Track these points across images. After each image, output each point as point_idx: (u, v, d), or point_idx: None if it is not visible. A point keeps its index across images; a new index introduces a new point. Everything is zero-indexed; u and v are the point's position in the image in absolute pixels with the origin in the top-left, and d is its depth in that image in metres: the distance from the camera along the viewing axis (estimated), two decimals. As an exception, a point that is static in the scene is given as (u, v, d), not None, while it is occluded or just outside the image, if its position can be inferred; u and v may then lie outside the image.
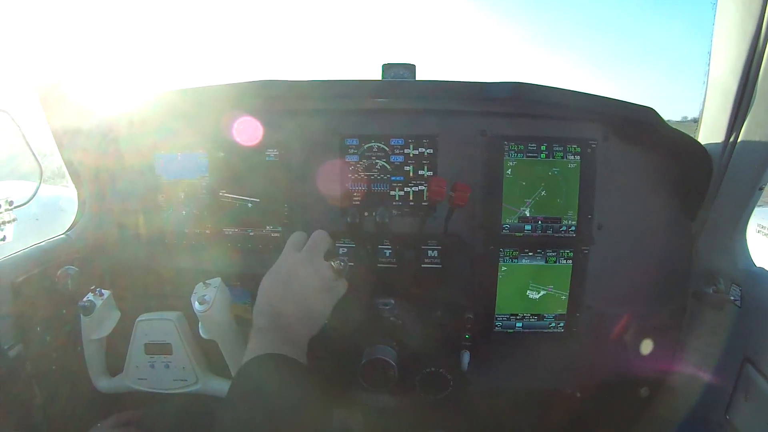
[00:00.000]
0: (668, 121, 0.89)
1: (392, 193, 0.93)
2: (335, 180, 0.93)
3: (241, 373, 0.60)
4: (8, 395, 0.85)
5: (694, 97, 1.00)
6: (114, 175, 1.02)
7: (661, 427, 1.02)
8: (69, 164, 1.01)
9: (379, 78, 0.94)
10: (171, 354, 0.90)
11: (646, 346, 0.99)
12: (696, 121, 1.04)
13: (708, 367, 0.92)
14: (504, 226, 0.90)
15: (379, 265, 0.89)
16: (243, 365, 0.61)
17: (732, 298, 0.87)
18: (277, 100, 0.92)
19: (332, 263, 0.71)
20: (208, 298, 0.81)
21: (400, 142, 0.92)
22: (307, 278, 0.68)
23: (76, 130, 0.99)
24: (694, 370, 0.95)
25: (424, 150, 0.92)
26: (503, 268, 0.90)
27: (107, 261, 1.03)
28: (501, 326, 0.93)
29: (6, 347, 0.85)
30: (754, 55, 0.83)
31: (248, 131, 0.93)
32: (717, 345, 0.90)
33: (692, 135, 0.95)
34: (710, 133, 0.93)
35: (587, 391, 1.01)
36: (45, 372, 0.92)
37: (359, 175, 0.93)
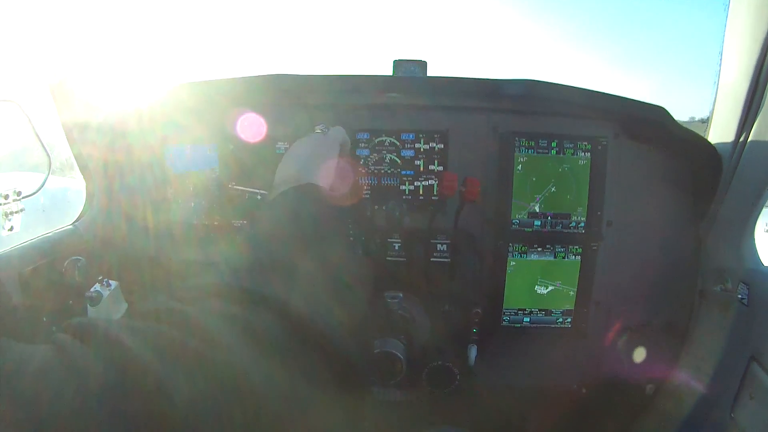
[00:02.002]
0: (676, 120, 0.90)
1: (402, 187, 0.93)
2: (345, 173, 0.93)
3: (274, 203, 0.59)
4: (14, 387, 0.85)
5: (701, 97, 1.00)
6: (123, 168, 1.02)
7: (666, 425, 1.02)
8: (78, 157, 1.01)
9: (390, 73, 0.95)
10: (178, 346, 0.90)
11: (652, 343, 0.99)
12: (704, 122, 1.05)
13: (714, 366, 0.92)
14: (513, 221, 0.90)
15: (388, 258, 0.89)
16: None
17: (739, 296, 0.87)
18: (287, 93, 0.92)
19: (317, 129, 0.73)
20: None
21: (411, 136, 0.92)
22: (305, 143, 0.71)
23: (85, 124, 0.99)
24: (699, 368, 0.95)
25: (434, 145, 0.92)
26: (512, 263, 0.91)
27: (115, 253, 1.03)
28: (509, 321, 0.93)
29: (13, 338, 0.85)
30: (765, 56, 0.83)
31: (252, 128, 0.93)
32: (723, 343, 0.91)
33: (701, 134, 0.95)
34: (720, 133, 0.93)
35: (593, 387, 1.02)
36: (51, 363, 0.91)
37: (369, 168, 0.93)
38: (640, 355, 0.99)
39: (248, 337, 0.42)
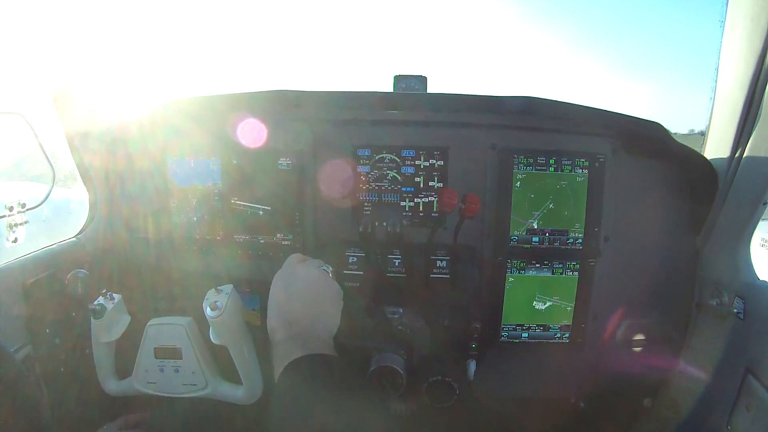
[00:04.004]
0: (675, 134, 0.91)
1: (402, 203, 0.94)
2: (347, 190, 0.94)
3: (281, 382, 0.60)
4: (17, 396, 0.86)
5: (701, 107, 1.01)
6: (125, 178, 1.02)
7: None
8: (80, 166, 1.02)
9: (391, 89, 0.96)
10: (181, 358, 0.91)
11: (650, 357, 1.00)
12: (703, 134, 1.06)
13: (710, 378, 0.93)
14: (512, 237, 0.91)
15: (388, 274, 0.90)
16: (280, 376, 0.60)
17: (735, 310, 0.88)
18: (290, 108, 0.93)
19: (323, 268, 0.74)
20: (220, 304, 0.82)
21: (412, 153, 0.93)
22: (310, 280, 0.70)
23: (86, 132, 1.00)
24: (696, 381, 0.96)
25: (434, 162, 0.93)
26: (510, 279, 0.92)
27: (117, 265, 1.04)
28: (507, 336, 0.94)
29: (15, 349, 0.86)
30: (761, 71, 0.84)
31: (252, 133, 0.94)
32: (719, 356, 0.92)
33: (699, 148, 0.96)
34: (716, 147, 0.95)
35: (590, 401, 1.03)
36: (54, 374, 0.92)
37: (371, 185, 0.94)
38: (638, 367, 1.00)
39: None
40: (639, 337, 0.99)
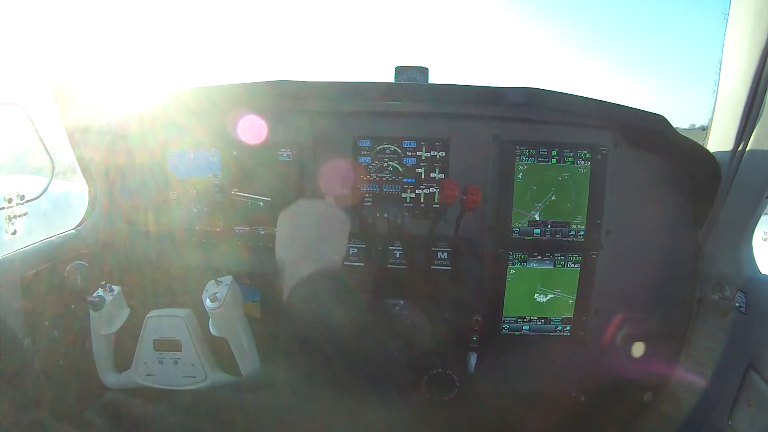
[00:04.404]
0: (676, 128, 0.90)
1: (403, 195, 0.94)
2: (347, 180, 0.94)
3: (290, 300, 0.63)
4: (16, 389, 0.85)
5: (702, 103, 1.01)
6: (125, 172, 1.02)
7: (664, 431, 1.02)
8: (81, 160, 1.02)
9: (392, 80, 0.95)
10: (180, 351, 0.90)
11: (651, 351, 0.99)
12: (704, 129, 1.05)
13: (712, 373, 0.93)
14: (514, 229, 0.90)
15: (389, 265, 0.89)
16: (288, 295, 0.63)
17: (737, 304, 0.88)
18: (290, 100, 0.92)
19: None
20: (220, 296, 0.82)
21: (413, 144, 0.92)
22: (315, 212, 0.72)
23: (86, 127, 0.99)
24: (697, 376, 0.96)
25: (436, 153, 0.92)
26: (512, 271, 0.91)
27: (117, 257, 1.03)
28: (508, 329, 0.94)
29: (14, 342, 0.85)
30: (764, 65, 0.84)
31: (252, 130, 0.93)
32: (721, 351, 0.91)
33: (701, 143, 0.96)
34: (719, 141, 0.94)
35: (591, 395, 1.02)
36: (53, 367, 0.92)
37: (371, 176, 0.94)
38: (638, 361, 0.99)
39: None
40: (640, 331, 0.98)
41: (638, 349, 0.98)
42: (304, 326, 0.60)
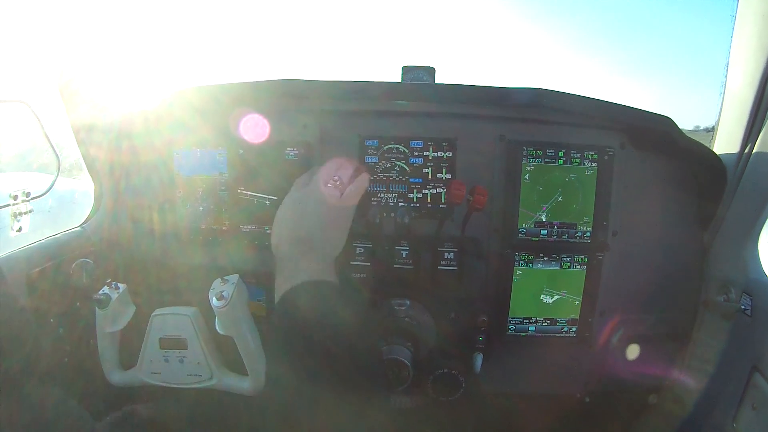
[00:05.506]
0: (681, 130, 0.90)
1: (410, 195, 0.94)
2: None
3: (284, 301, 0.62)
4: (21, 387, 0.85)
5: (706, 106, 1.01)
6: (130, 170, 1.02)
7: None
8: (86, 158, 1.02)
9: (399, 80, 0.95)
10: (186, 349, 0.90)
11: (656, 353, 1.00)
12: (708, 131, 1.06)
13: (716, 376, 0.93)
14: (520, 230, 0.90)
15: (395, 265, 0.90)
16: (283, 296, 0.62)
17: (742, 307, 0.88)
18: (297, 98, 0.92)
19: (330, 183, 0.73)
20: (226, 294, 0.82)
21: (420, 144, 0.92)
22: (319, 201, 0.70)
23: (92, 124, 0.99)
24: (702, 378, 0.96)
25: (443, 153, 0.92)
26: (518, 272, 0.91)
27: (122, 255, 1.03)
28: (514, 329, 0.94)
29: (20, 339, 0.85)
30: (772, 67, 0.84)
31: (255, 129, 0.93)
32: (726, 353, 0.91)
33: (706, 144, 0.96)
34: (725, 143, 0.94)
35: (596, 395, 1.02)
36: (58, 364, 0.92)
37: (378, 176, 0.94)
38: (643, 363, 0.99)
39: None
40: (645, 332, 0.98)
41: (643, 350, 0.99)
42: (305, 326, 0.59)
